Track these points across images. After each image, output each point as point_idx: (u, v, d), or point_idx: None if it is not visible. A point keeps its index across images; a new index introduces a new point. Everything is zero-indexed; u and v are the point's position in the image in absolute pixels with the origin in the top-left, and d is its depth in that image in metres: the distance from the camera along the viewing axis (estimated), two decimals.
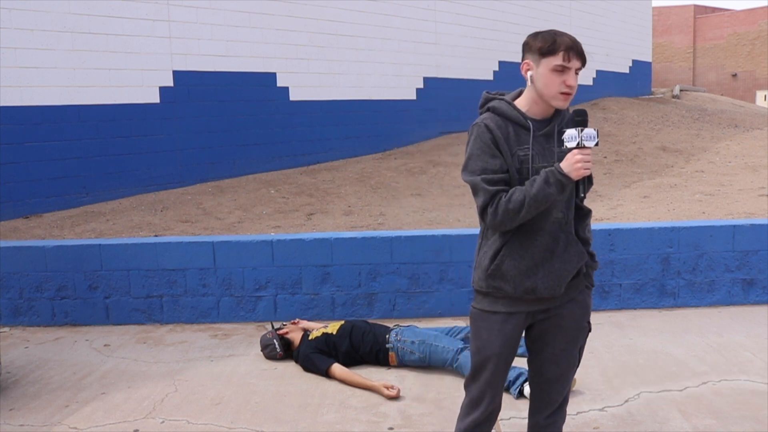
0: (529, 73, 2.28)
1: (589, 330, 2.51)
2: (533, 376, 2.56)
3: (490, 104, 2.36)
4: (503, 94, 2.39)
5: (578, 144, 2.18)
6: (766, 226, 5.14)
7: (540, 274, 2.32)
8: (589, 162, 2.18)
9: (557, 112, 2.34)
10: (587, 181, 2.24)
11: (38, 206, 8.27)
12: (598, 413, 3.49)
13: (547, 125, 2.32)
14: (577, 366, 2.54)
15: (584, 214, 2.43)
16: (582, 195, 2.28)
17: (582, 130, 2.18)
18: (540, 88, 2.25)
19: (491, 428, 2.55)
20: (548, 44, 2.21)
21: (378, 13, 12.40)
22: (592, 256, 2.45)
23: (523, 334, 2.50)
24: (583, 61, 2.25)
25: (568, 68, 2.21)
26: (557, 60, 2.20)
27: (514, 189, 2.24)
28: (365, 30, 12.20)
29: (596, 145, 2.19)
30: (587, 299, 2.47)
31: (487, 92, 2.42)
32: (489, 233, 2.38)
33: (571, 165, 2.18)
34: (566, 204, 2.34)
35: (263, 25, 10.64)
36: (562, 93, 2.22)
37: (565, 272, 2.34)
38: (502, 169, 2.26)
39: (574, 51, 2.20)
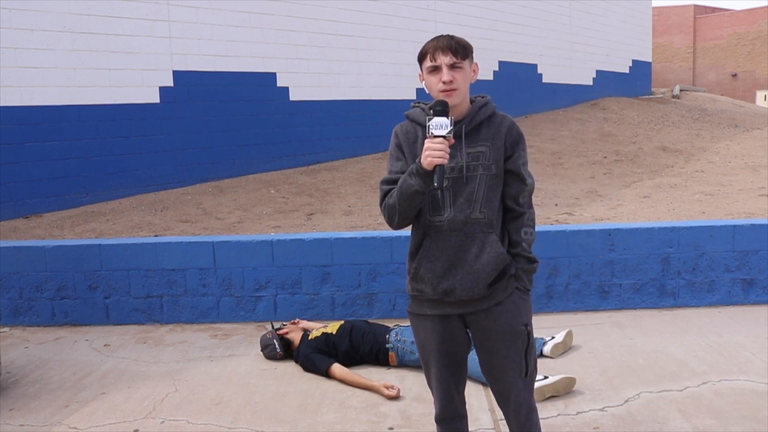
0: (423, 83, 2.38)
1: (528, 334, 2.40)
2: (489, 382, 2.51)
3: (407, 111, 2.47)
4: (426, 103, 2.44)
5: (429, 133, 2.21)
6: (766, 226, 5.14)
7: (457, 275, 2.33)
8: (438, 150, 2.16)
9: (468, 114, 2.36)
10: (440, 170, 2.18)
11: (38, 206, 8.27)
12: (598, 413, 3.49)
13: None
14: (525, 374, 2.41)
15: (517, 215, 2.39)
16: (435, 185, 2.19)
17: (431, 119, 2.22)
18: (430, 93, 2.35)
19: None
20: (420, 52, 2.34)
21: (378, 13, 12.40)
22: (528, 259, 2.39)
23: None
24: (456, 54, 2.28)
25: (439, 66, 2.28)
26: (428, 62, 2.31)
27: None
28: (365, 30, 12.20)
29: (449, 133, 2.18)
30: (519, 302, 2.39)
31: (414, 102, 2.48)
32: (411, 236, 2.44)
33: (422, 153, 2.21)
34: (486, 204, 2.32)
35: (263, 25, 10.64)
36: (442, 91, 2.28)
37: (483, 273, 2.32)
38: (402, 171, 2.36)
39: (440, 49, 2.28)
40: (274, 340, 4.34)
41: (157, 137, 9.44)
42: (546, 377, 3.63)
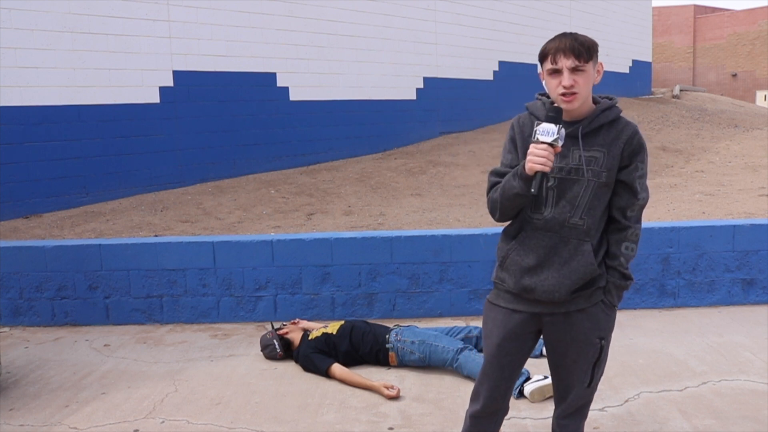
0: (543, 82, 2.31)
1: (601, 348, 2.36)
2: (552, 377, 2.53)
3: (528, 103, 2.42)
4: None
5: (535, 138, 2.17)
6: (766, 226, 5.14)
7: (542, 275, 2.30)
8: (540, 157, 2.13)
9: (588, 116, 2.29)
10: (541, 176, 2.16)
11: (38, 206, 8.27)
12: (598, 413, 3.49)
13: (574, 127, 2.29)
14: (589, 384, 2.41)
15: (622, 228, 2.31)
16: (532, 190, 2.17)
17: (539, 124, 2.18)
18: (549, 94, 2.30)
19: (494, 429, 2.53)
20: (541, 52, 2.26)
21: (378, 13, 12.40)
22: (623, 275, 2.33)
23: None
24: (579, 57, 2.18)
25: (559, 69, 2.20)
26: (548, 64, 2.23)
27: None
28: (365, 30, 12.20)
29: (555, 141, 2.14)
30: (601, 314, 2.34)
31: (538, 93, 2.42)
32: (507, 227, 2.43)
33: (527, 158, 2.18)
34: (588, 211, 2.26)
35: (263, 25, 10.64)
36: (561, 95, 2.21)
37: (568, 280, 2.28)
38: (512, 164, 2.35)
39: (561, 51, 2.19)
40: (274, 340, 4.34)
41: (157, 137, 9.44)
42: (546, 377, 3.63)
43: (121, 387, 4.01)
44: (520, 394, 3.65)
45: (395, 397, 3.72)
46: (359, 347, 4.17)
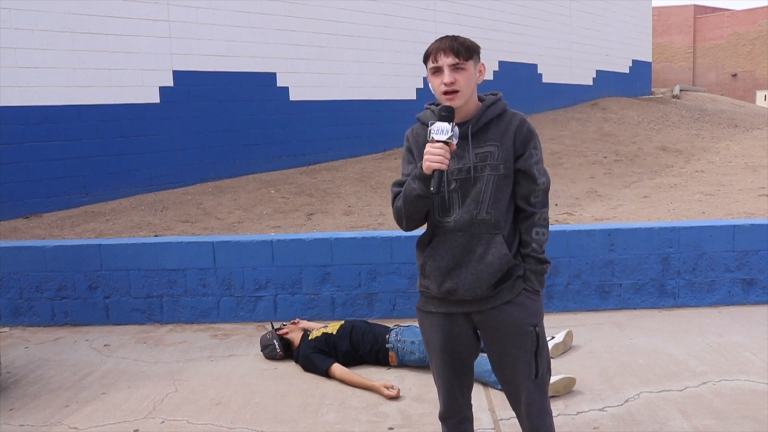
0: (430, 85, 2.36)
1: (537, 336, 2.36)
2: (500, 383, 2.50)
3: (419, 114, 2.46)
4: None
5: (430, 137, 2.20)
6: (766, 226, 5.14)
7: (461, 275, 2.33)
8: (437, 155, 2.17)
9: (475, 114, 2.34)
10: (439, 175, 2.19)
11: (38, 206, 8.27)
12: (598, 413, 3.49)
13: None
14: (536, 375, 2.37)
15: (528, 215, 2.36)
16: (432, 189, 2.19)
17: (433, 124, 2.21)
18: (434, 94, 2.34)
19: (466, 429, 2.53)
20: (424, 54, 2.34)
21: (378, 13, 12.40)
22: (538, 260, 2.36)
23: None
24: (458, 55, 2.25)
25: (440, 67, 2.27)
26: (430, 63, 2.31)
27: None
28: (365, 30, 12.20)
29: (449, 138, 2.17)
30: (528, 302, 2.36)
31: (427, 104, 2.47)
32: (420, 237, 2.47)
33: (423, 158, 2.21)
34: (493, 204, 2.30)
35: (263, 25, 10.64)
36: (444, 93, 2.27)
37: (486, 274, 2.31)
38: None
39: (441, 50, 2.27)
40: (274, 340, 4.34)
41: (157, 137, 9.44)
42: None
43: (121, 387, 4.01)
44: None
45: (395, 397, 3.72)
46: (359, 347, 4.17)
